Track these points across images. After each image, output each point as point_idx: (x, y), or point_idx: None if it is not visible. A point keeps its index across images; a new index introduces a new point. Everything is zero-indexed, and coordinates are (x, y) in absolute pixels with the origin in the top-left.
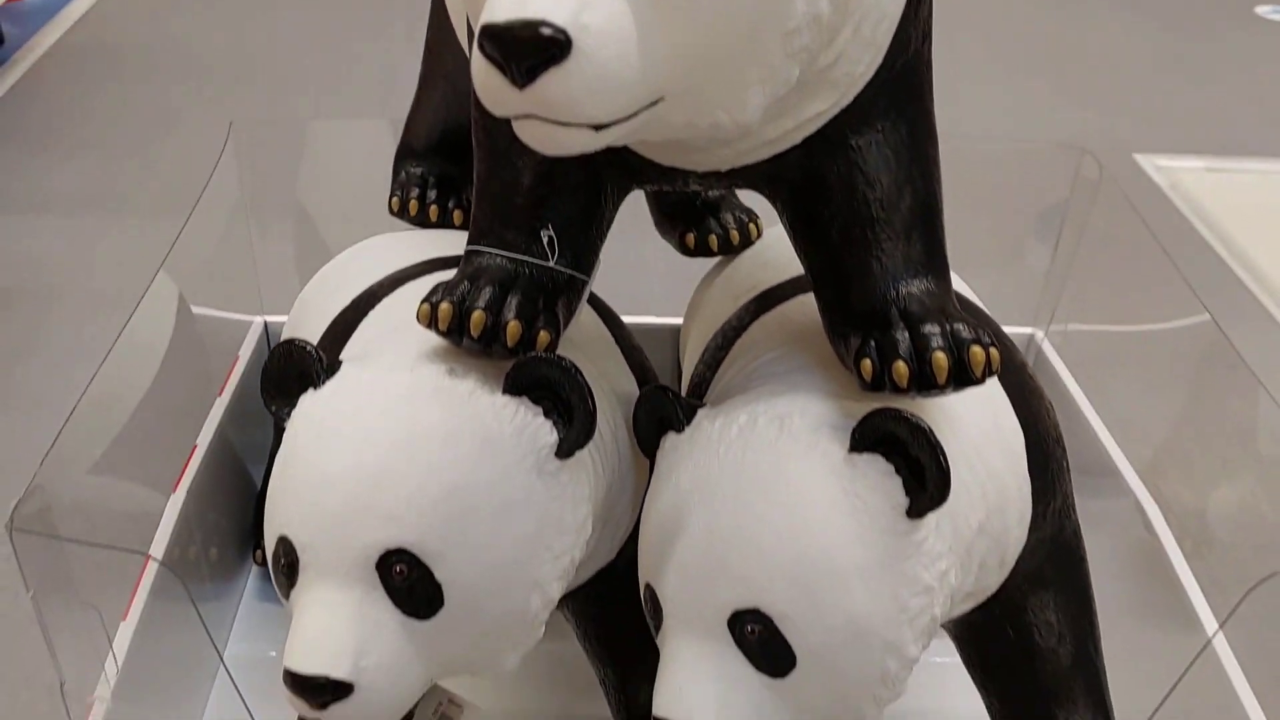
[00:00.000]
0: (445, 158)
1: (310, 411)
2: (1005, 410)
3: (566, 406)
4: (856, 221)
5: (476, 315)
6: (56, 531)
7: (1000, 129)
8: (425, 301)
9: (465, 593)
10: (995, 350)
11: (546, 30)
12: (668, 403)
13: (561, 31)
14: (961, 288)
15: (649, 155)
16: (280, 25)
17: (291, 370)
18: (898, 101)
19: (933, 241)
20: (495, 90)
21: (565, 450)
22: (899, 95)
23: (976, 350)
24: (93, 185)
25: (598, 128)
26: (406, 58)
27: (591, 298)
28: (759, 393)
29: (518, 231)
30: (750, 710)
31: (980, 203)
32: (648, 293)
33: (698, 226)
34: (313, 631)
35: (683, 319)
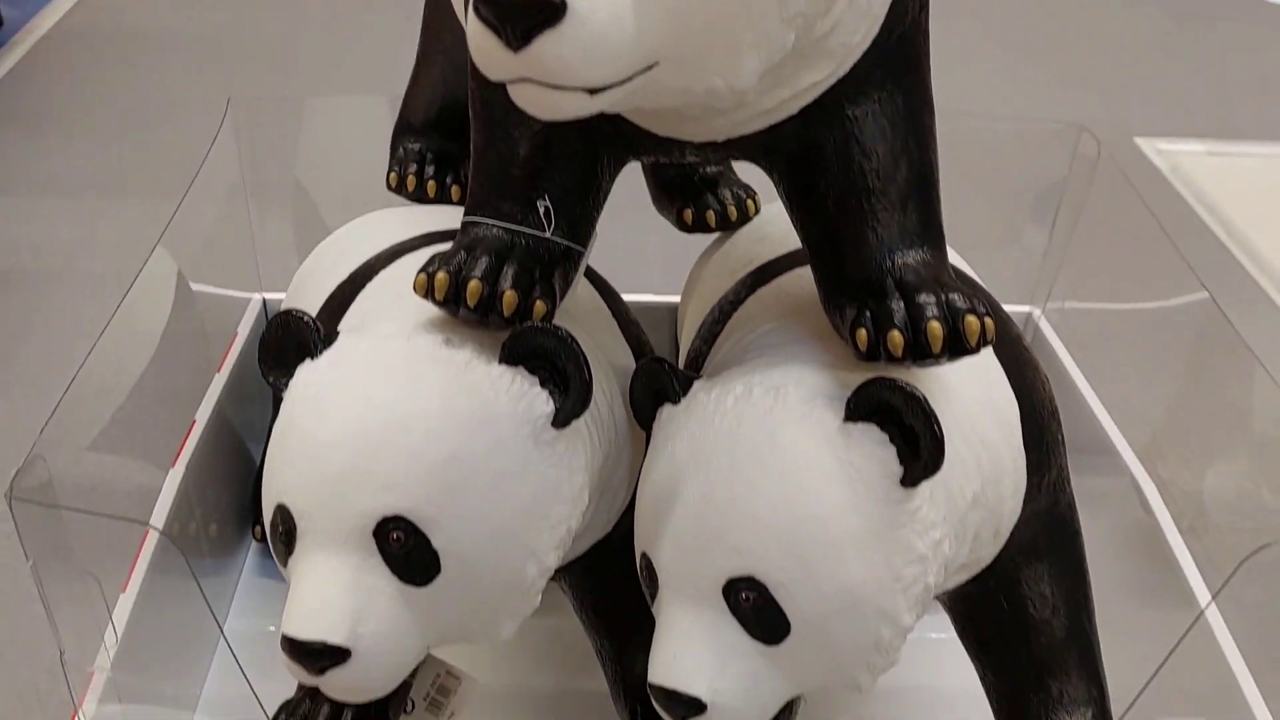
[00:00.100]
0: (443, 134)
1: (307, 381)
2: (1000, 382)
3: (562, 376)
4: (853, 192)
5: (473, 285)
6: (56, 505)
7: (1002, 112)
8: (422, 272)
9: (462, 560)
10: (990, 320)
11: None
12: (663, 374)
13: None
14: (959, 264)
15: (645, 125)
16: (279, 3)
17: (289, 341)
18: (894, 72)
19: (928, 212)
20: (490, 54)
21: (561, 420)
22: (896, 66)
23: (971, 320)
24: (92, 167)
25: (593, 92)
26: (404, 34)
27: (589, 273)
28: (755, 364)
29: (514, 202)
30: (745, 677)
31: (979, 181)
32: (646, 273)
33: (695, 202)
34: (310, 598)
35: (680, 296)
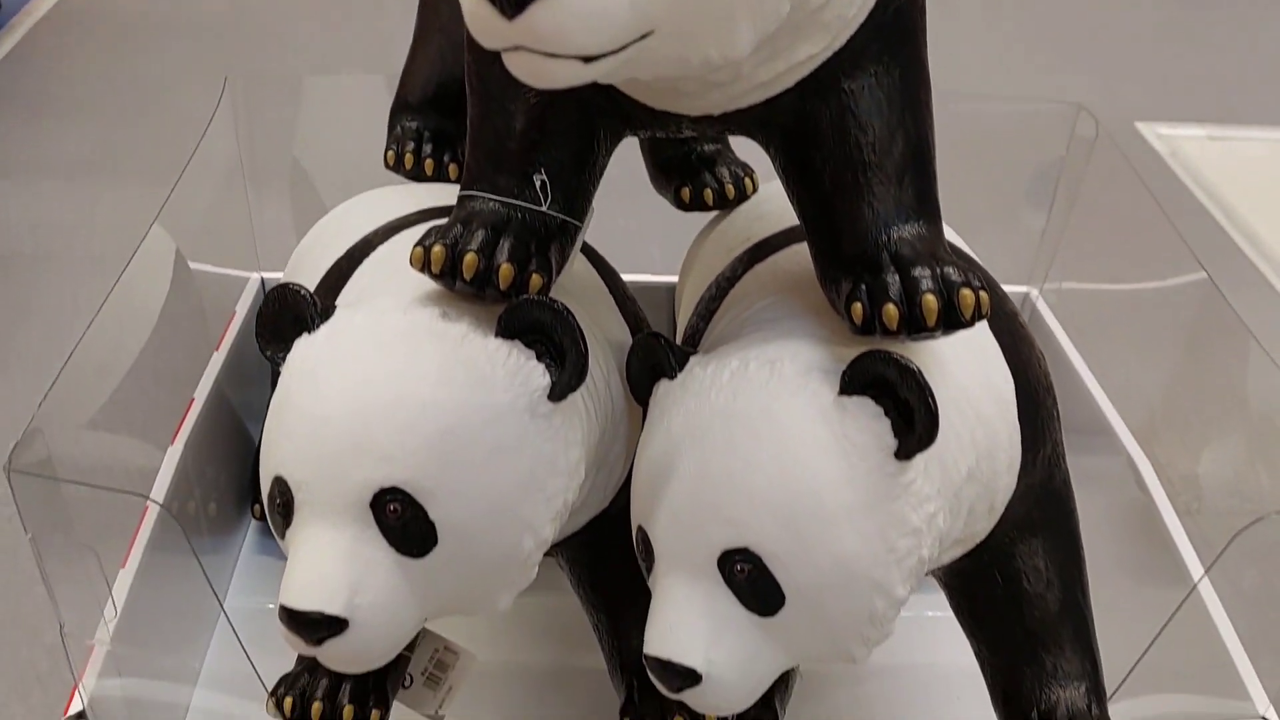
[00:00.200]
0: (441, 112)
1: (305, 354)
2: (995, 357)
3: (559, 349)
4: (848, 166)
5: (469, 258)
6: (55, 477)
7: (1001, 95)
8: (418, 245)
9: (458, 531)
10: (985, 294)
11: None
12: (660, 349)
13: None
14: (956, 242)
15: (642, 99)
16: None
17: (286, 314)
18: (891, 46)
19: (924, 186)
20: (485, 21)
21: (558, 393)
22: (892, 39)
23: (966, 293)
24: (90, 149)
25: (587, 60)
26: (402, 12)
27: (586, 249)
28: (751, 339)
29: (510, 176)
30: (740, 648)
31: (977, 162)
32: (645, 254)
33: (693, 181)
34: (308, 569)
35: (678, 275)
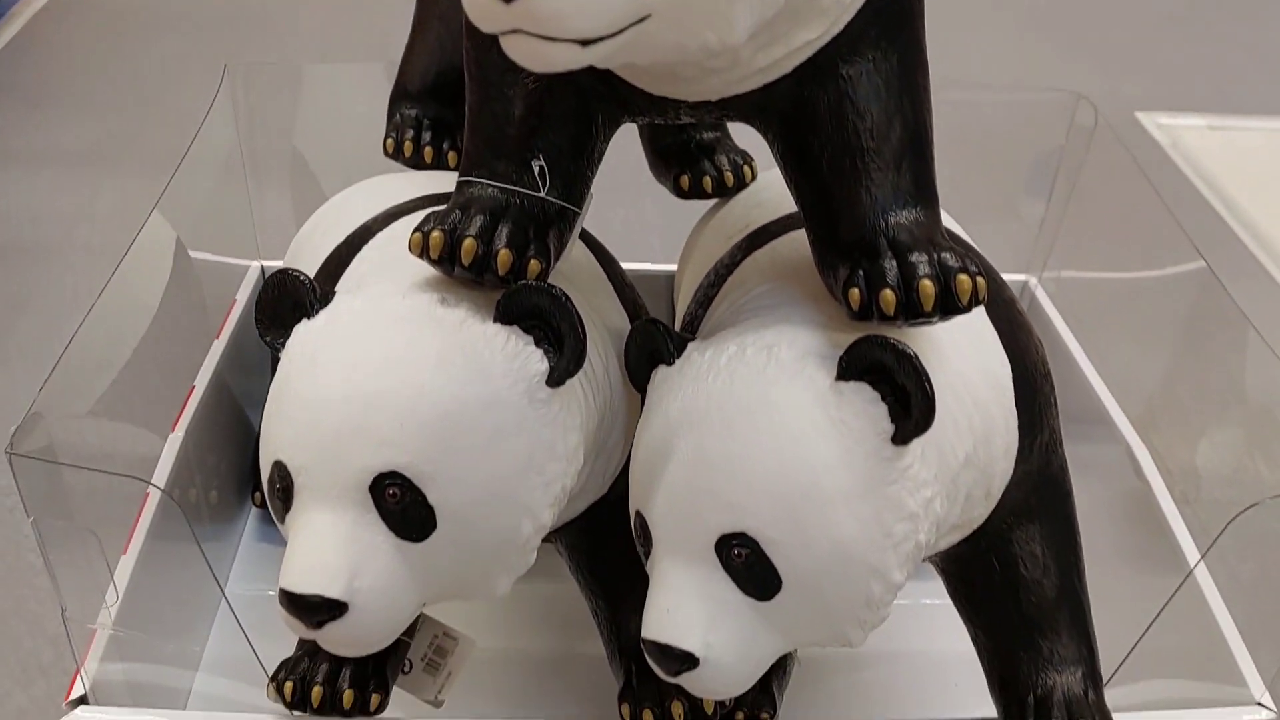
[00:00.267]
0: (440, 100)
1: (304, 340)
2: (993, 343)
3: (557, 335)
4: (846, 152)
5: (468, 243)
6: (56, 461)
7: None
8: (417, 231)
9: (457, 516)
10: (982, 280)
11: None
12: (658, 335)
13: None
14: (955, 229)
15: (640, 84)
16: None
17: (285, 300)
18: (889, 31)
19: (922, 172)
20: (483, 6)
21: (556, 378)
22: (890, 25)
23: (963, 279)
24: (90, 139)
25: (584, 43)
26: (400, 1)
27: (585, 236)
28: (748, 325)
29: (509, 162)
30: (737, 632)
31: (976, 150)
32: (645, 244)
33: (692, 169)
34: (307, 553)
35: (677, 263)
